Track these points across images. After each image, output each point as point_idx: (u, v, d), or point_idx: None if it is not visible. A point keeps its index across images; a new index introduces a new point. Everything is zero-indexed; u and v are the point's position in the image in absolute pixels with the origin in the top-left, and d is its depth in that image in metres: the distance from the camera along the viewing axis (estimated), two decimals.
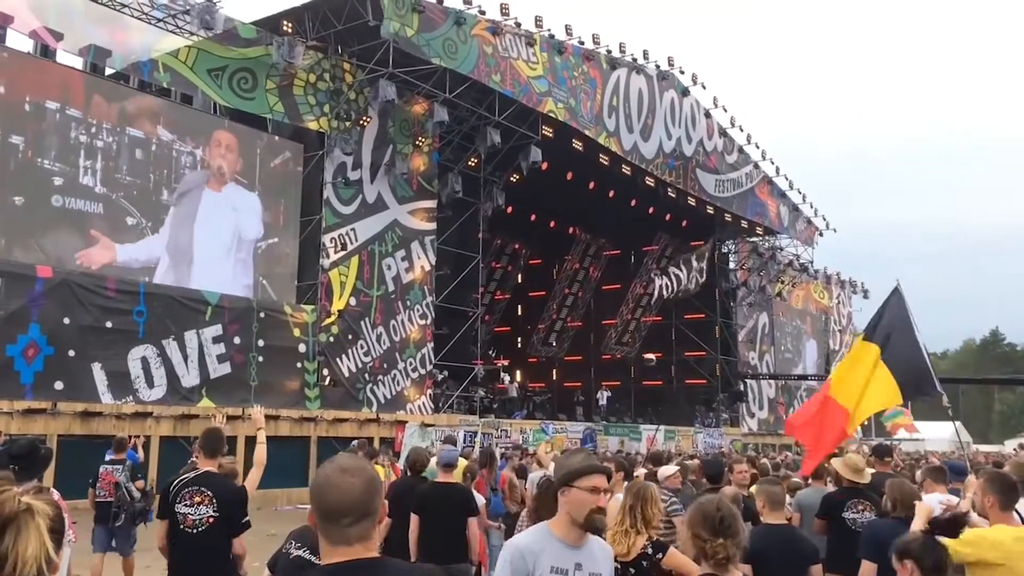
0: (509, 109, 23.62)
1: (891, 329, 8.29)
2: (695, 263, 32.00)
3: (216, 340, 18.33)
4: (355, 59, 21.23)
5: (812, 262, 42.52)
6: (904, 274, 9.06)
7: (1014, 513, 4.44)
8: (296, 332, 19.95)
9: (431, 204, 23.87)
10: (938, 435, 44.97)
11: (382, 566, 2.11)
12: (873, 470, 7.43)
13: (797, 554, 4.97)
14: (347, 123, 21.19)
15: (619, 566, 4.61)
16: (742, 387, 37.80)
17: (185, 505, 5.07)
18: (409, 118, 23.07)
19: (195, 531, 5.04)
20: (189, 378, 17.79)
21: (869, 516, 6.39)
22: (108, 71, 17.98)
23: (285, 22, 19.75)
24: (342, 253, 21.12)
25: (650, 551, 4.61)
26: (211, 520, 5.05)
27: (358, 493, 2.09)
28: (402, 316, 22.65)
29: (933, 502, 5.45)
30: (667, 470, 8.06)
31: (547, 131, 25.25)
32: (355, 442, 15.91)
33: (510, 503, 10.17)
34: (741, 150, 35.67)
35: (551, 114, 24.84)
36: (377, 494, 2.14)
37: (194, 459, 6.26)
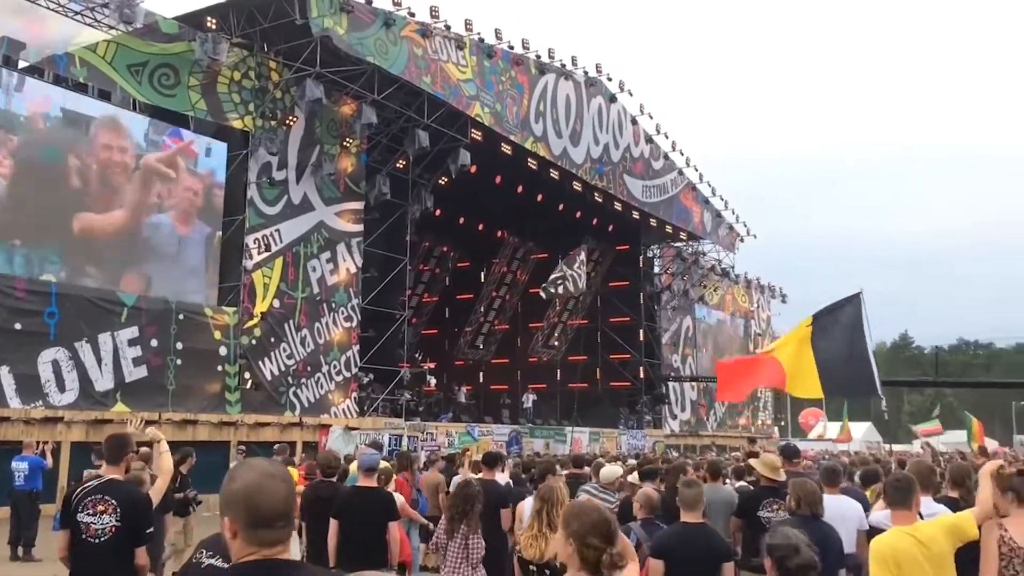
0: (438, 112, 23.60)
1: (842, 328, 8.59)
2: (576, 268, 32.67)
3: (132, 342, 17.81)
4: (281, 57, 20.93)
5: (733, 267, 43.67)
6: (822, 280, 9.40)
7: (914, 510, 4.67)
8: (217, 334, 19.53)
9: (358, 206, 23.66)
10: (854, 435, 46.54)
11: (305, 569, 2.19)
12: (786, 469, 7.68)
13: (710, 552, 5.12)
14: (272, 122, 20.87)
15: (534, 569, 4.69)
16: (665, 389, 38.48)
17: (87, 514, 4.90)
18: (337, 119, 22.84)
19: (98, 540, 4.88)
20: (103, 382, 17.24)
21: (783, 514, 6.59)
22: (22, 64, 17.29)
23: (209, 18, 19.34)
24: (266, 254, 20.77)
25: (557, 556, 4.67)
26: (114, 529, 4.90)
27: (284, 497, 2.14)
28: (327, 319, 22.39)
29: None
30: (610, 471, 8.16)
31: (476, 134, 25.31)
32: (277, 446, 15.68)
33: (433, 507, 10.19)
34: (666, 157, 36.36)
35: (477, 118, 24.92)
36: (295, 498, 2.20)
37: (97, 467, 6.09)
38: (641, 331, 37.37)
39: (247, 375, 20.00)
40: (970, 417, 32.51)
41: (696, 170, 38.03)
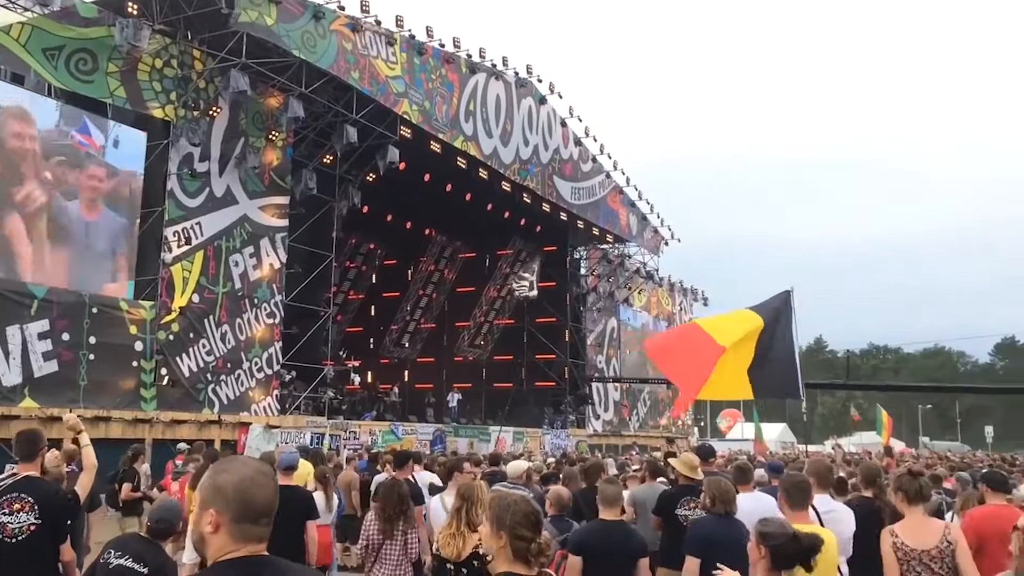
0: (367, 107, 23.39)
1: (772, 327, 8.73)
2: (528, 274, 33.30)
3: (42, 336, 17.13)
4: (206, 46, 20.43)
5: (658, 270, 44.45)
6: (742, 283, 9.60)
7: (809, 510, 4.88)
8: (133, 329, 18.94)
9: (283, 200, 23.26)
10: (767, 436, 47.90)
11: (286, 565, 2.24)
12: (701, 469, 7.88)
13: (626, 548, 5.22)
14: (195, 112, 20.36)
15: (451, 567, 4.71)
16: (588, 390, 38.94)
17: (3, 513, 4.76)
18: (262, 111, 22.41)
19: (15, 540, 4.74)
20: (10, 376, 16.53)
21: (700, 513, 6.76)
22: None
23: (130, 3, 18.71)
24: (186, 247, 20.23)
25: (481, 551, 4.72)
26: (32, 528, 4.77)
27: (274, 495, 2.21)
28: (249, 314, 21.95)
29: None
30: (517, 466, 8.24)
31: (405, 131, 25.17)
32: (181, 444, 15.30)
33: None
34: (594, 159, 36.80)
35: (405, 115, 24.78)
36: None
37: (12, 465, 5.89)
38: (567, 332, 37.72)
39: (164, 371, 19.46)
40: (881, 411, 33.77)
41: (623, 173, 38.64)
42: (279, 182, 23.00)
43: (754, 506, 6.41)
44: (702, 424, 53.16)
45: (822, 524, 5.29)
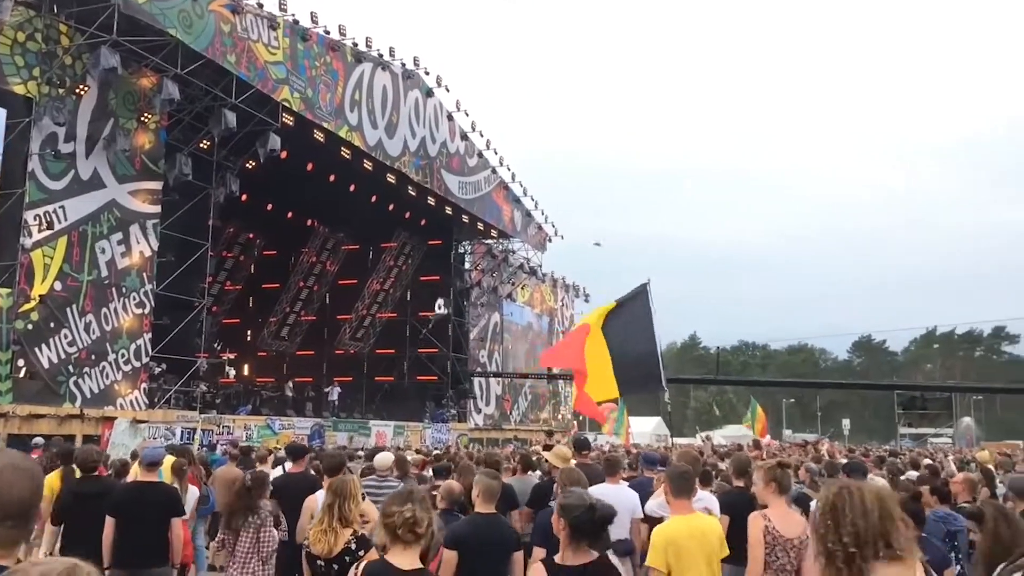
0: (247, 92, 22.67)
1: (632, 323, 8.88)
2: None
3: None
4: (74, 21, 19.33)
5: (541, 265, 45.04)
6: (622, 280, 9.78)
7: (687, 499, 5.08)
8: None
9: (156, 186, 22.28)
10: (642, 429, 49.36)
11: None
12: (575, 461, 8.07)
13: (500, 541, 5.28)
14: (60, 90, 19.23)
15: (322, 564, 4.64)
16: (470, 384, 39.09)
17: None
18: (134, 91, 21.39)
19: None
20: None
21: None
22: None
23: None
24: (47, 232, 19.10)
25: (353, 547, 4.68)
26: None
27: (28, 494, 1.94)
28: (116, 304, 20.93)
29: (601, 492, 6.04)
30: (384, 458, 8.18)
31: (288, 119, 24.53)
32: (36, 439, 14.56)
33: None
34: (480, 154, 36.90)
35: (285, 103, 24.14)
36: (40, 500, 2.01)
37: None
38: (450, 326, 37.75)
39: (21, 363, 18.33)
40: (756, 406, 35.30)
41: (509, 169, 38.92)
42: (151, 166, 22.01)
43: (619, 497, 6.64)
44: (581, 418, 54.23)
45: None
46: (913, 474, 10.83)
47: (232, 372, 29.68)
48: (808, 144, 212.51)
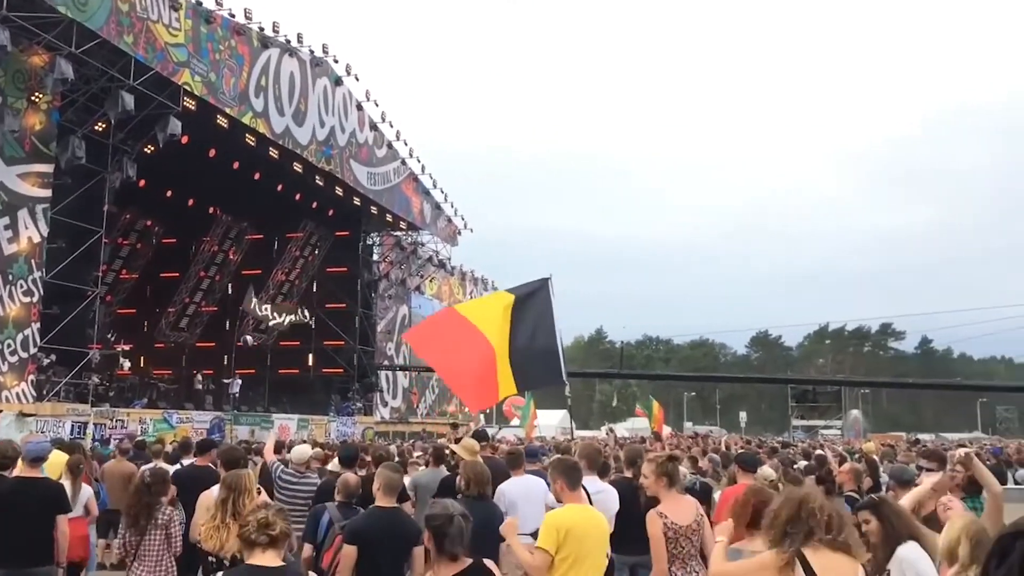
0: (147, 74, 21.83)
1: (532, 317, 8.91)
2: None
3: None
4: None
5: (450, 259, 45.00)
6: (531, 274, 9.81)
7: (581, 490, 5.19)
8: None
9: (47, 168, 21.23)
10: (548, 422, 49.93)
11: None
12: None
13: (400, 536, 5.27)
14: None
15: (214, 561, 4.54)
16: (377, 377, 38.79)
17: None
18: (24, 69, 20.32)
19: None
20: None
21: None
22: None
23: None
24: None
25: None
26: None
27: None
28: (1, 292, 19.89)
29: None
30: (301, 451, 8.06)
31: (189, 103, 23.78)
32: None
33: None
34: (390, 145, 36.58)
35: (186, 86, 23.36)
36: None
37: None
38: (357, 318, 37.35)
39: None
40: (652, 401, 36.12)
41: (419, 161, 38.74)
42: (42, 148, 20.98)
43: (524, 489, 6.75)
44: (487, 410, 54.50)
45: (591, 503, 5.63)
46: (803, 464, 11.37)
47: (127, 364, 28.64)
48: (713, 146, 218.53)
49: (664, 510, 5.17)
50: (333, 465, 9.19)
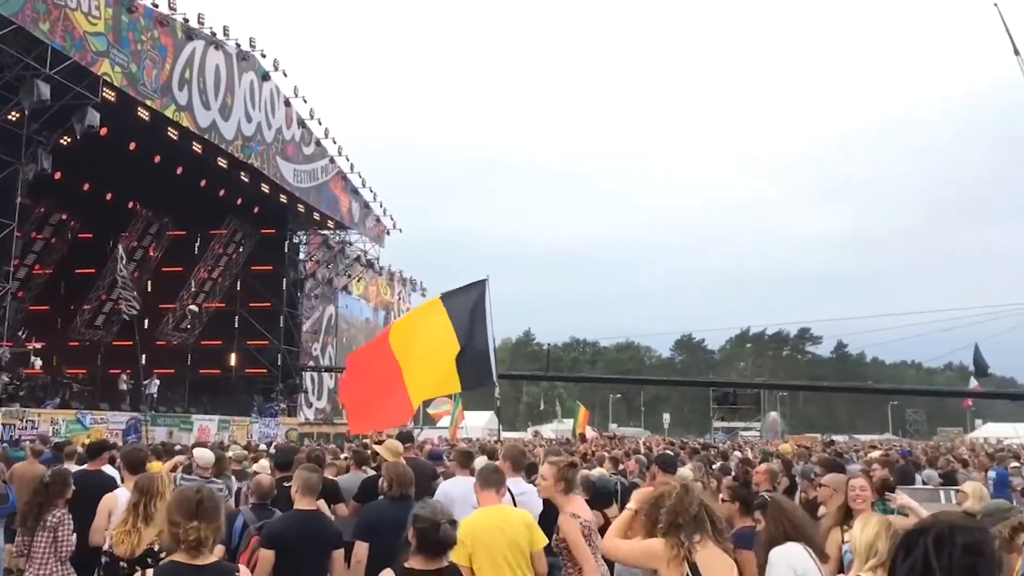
0: (64, 63, 21.08)
1: (470, 318, 8.93)
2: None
3: None
4: None
5: (379, 259, 44.66)
6: (461, 275, 9.79)
7: (493, 491, 5.23)
8: None
9: None
10: (476, 423, 49.94)
11: None
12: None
13: (320, 538, 5.23)
14: None
15: (124, 566, 4.43)
16: (301, 378, 38.23)
17: None
18: None
19: None
20: None
21: None
22: None
23: None
24: None
25: (156, 548, 4.48)
26: None
27: None
28: None
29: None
30: (203, 455, 7.88)
31: (109, 94, 23.03)
32: None
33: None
34: (318, 143, 36.10)
35: (106, 77, 22.63)
36: None
37: None
38: (282, 318, 36.75)
39: None
40: (579, 405, 36.57)
41: (347, 159, 38.31)
42: None
43: (465, 489, 6.76)
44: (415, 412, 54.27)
45: (515, 504, 5.68)
46: (720, 464, 11.70)
47: (38, 362, 27.58)
48: (644, 153, 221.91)
49: (576, 511, 5.23)
50: (260, 466, 9.05)
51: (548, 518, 5.41)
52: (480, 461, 7.19)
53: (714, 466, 11.11)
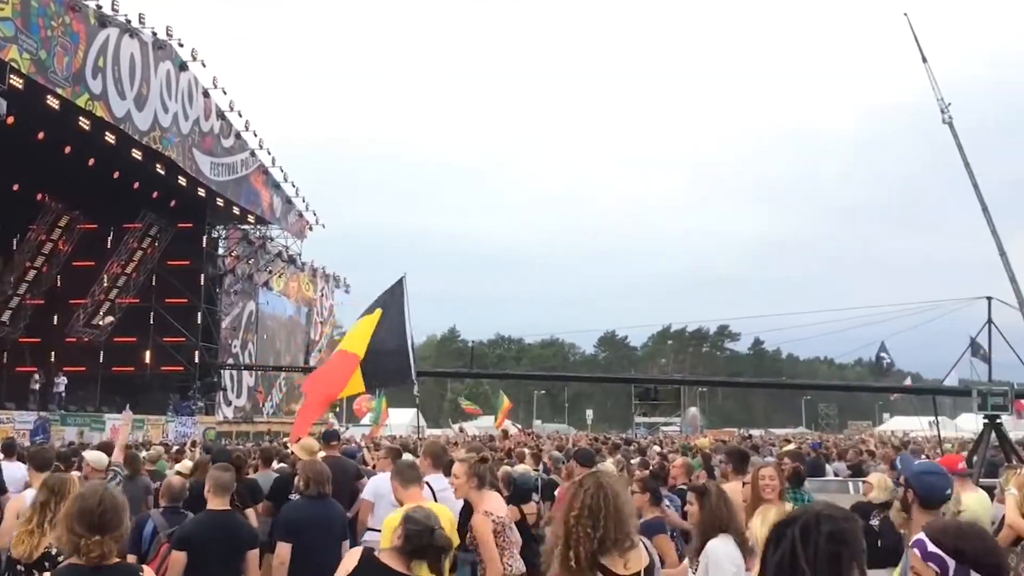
0: None
1: (389, 316, 8.89)
2: None
3: None
4: None
5: (300, 254, 43.98)
6: (386, 271, 9.71)
7: (416, 488, 5.26)
8: None
9: None
10: (400, 421, 49.64)
11: None
12: (323, 453, 8.05)
13: (234, 539, 5.14)
14: None
15: (22, 569, 4.27)
16: (221, 376, 37.41)
17: None
18: None
19: None
20: None
21: None
22: None
23: None
24: None
25: (53, 551, 4.29)
26: None
27: None
28: None
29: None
30: (94, 457, 7.59)
31: (16, 81, 22.07)
32: None
33: None
34: (238, 135, 35.32)
35: (13, 63, 21.67)
36: None
37: None
38: (199, 314, 35.87)
39: None
40: (503, 397, 36.68)
41: (269, 153, 37.59)
42: None
43: (381, 487, 6.76)
44: (338, 410, 53.59)
45: (436, 500, 5.70)
46: (639, 460, 11.93)
47: None
48: (571, 154, 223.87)
49: (489, 508, 5.25)
50: (183, 466, 8.85)
51: (467, 514, 5.44)
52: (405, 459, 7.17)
53: (633, 461, 11.33)
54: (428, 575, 3.60)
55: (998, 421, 15.93)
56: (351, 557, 3.60)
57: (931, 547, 2.12)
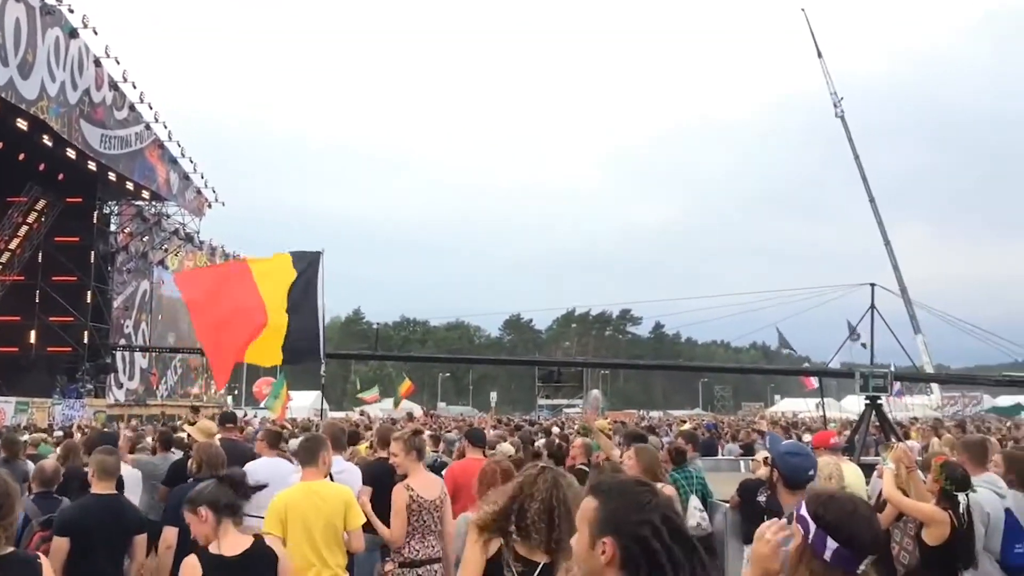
0: None
1: (303, 291, 8.69)
2: None
3: None
4: None
5: (199, 232, 42.60)
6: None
7: (323, 469, 5.25)
8: None
9: None
10: (302, 403, 48.88)
11: None
12: (220, 435, 7.88)
13: (120, 525, 4.99)
14: None
15: None
16: (112, 357, 36.02)
17: None
18: None
19: None
20: None
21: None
22: None
23: None
24: None
25: None
26: None
27: None
28: None
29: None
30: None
31: None
32: None
33: None
34: (133, 108, 33.89)
35: None
36: None
37: None
38: (89, 293, 34.37)
39: None
40: (405, 380, 36.55)
41: (165, 127, 36.20)
42: None
43: (273, 469, 6.67)
44: (236, 392, 52.36)
45: (333, 480, 5.69)
46: (543, 441, 12.12)
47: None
48: (478, 140, 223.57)
49: (412, 483, 5.34)
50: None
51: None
52: (295, 443, 7.11)
53: (536, 443, 11.50)
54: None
55: (879, 402, 16.87)
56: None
57: (802, 510, 2.27)
